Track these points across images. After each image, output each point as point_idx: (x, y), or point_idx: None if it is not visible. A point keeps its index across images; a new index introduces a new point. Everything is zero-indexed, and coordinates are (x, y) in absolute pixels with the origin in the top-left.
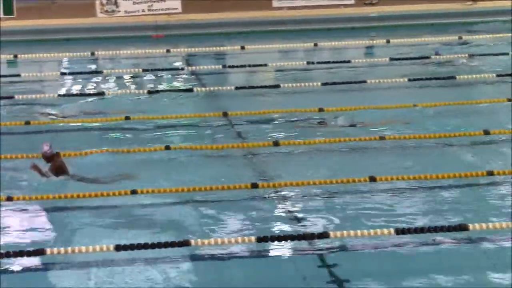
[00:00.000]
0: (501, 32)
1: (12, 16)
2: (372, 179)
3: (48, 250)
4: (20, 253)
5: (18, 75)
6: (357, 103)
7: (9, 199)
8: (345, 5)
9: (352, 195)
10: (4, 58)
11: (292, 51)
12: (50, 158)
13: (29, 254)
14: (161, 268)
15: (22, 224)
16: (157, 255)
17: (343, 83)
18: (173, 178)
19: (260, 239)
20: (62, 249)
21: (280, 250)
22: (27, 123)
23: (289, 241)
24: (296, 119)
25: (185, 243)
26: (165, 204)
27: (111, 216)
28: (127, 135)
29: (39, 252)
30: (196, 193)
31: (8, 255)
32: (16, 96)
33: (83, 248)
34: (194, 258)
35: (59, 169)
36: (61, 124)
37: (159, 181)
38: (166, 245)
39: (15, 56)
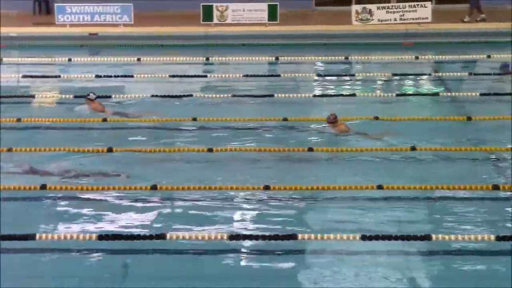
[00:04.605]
0: None
1: (275, 22)
2: None
3: (299, 236)
4: (275, 237)
5: (278, 75)
6: None
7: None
8: None
9: None
10: (266, 60)
11: None
12: None
13: (282, 238)
14: (398, 260)
15: (278, 211)
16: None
17: None
18: (417, 176)
19: (499, 238)
20: (312, 235)
21: None
22: (285, 119)
23: None
24: None
25: (426, 237)
26: (406, 200)
27: (357, 207)
28: (373, 132)
29: (292, 237)
30: (438, 191)
31: (258, 238)
32: (275, 95)
33: (331, 236)
34: (433, 252)
35: None
36: (314, 122)
37: (405, 178)
38: (408, 237)
39: (277, 58)
